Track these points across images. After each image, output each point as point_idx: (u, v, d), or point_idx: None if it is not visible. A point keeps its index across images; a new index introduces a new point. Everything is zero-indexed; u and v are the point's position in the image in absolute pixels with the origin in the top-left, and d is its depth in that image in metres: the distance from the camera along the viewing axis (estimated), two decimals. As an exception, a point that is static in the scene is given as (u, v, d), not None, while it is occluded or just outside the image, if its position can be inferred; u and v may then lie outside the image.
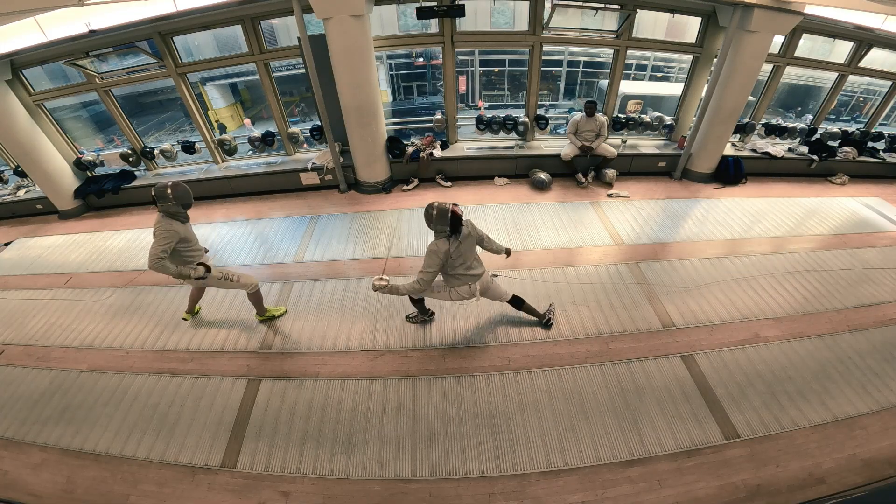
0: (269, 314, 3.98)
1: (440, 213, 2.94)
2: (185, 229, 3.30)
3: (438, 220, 2.94)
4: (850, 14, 5.25)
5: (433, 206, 2.96)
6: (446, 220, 2.93)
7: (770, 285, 4.24)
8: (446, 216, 2.93)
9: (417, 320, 3.87)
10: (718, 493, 2.63)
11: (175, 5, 4.70)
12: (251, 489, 2.75)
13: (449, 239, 3.01)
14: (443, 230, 2.97)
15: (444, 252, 2.99)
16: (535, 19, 5.49)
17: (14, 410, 3.42)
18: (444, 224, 2.94)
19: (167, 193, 3.10)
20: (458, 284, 3.24)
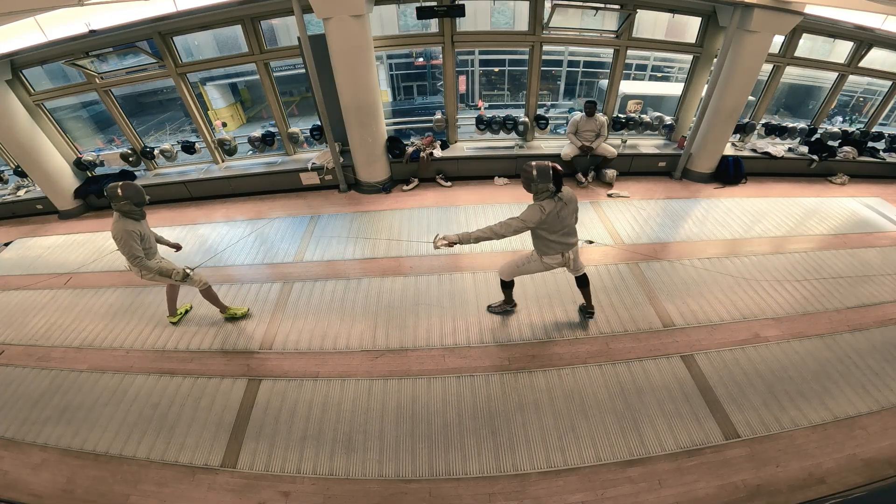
0: (231, 313, 4.00)
1: (540, 170, 2.83)
2: (142, 227, 3.38)
3: (540, 178, 2.84)
4: (850, 14, 5.24)
5: (530, 165, 2.86)
6: (548, 176, 2.83)
7: (770, 285, 4.24)
8: (548, 173, 2.83)
9: (500, 310, 3.83)
10: (718, 493, 2.63)
11: (175, 5, 4.70)
12: (251, 489, 2.75)
13: (554, 198, 2.92)
14: (545, 188, 2.87)
15: (549, 212, 2.89)
16: (535, 19, 5.49)
17: (14, 410, 3.41)
18: (547, 181, 2.84)
19: (118, 193, 3.16)
20: (550, 252, 3.16)
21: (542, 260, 3.26)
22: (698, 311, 3.93)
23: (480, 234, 3.00)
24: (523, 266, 3.41)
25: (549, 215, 2.91)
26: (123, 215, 3.25)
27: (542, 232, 3.05)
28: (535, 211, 2.91)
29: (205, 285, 3.72)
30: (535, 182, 2.86)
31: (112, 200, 3.19)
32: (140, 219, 3.37)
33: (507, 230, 2.94)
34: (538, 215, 2.91)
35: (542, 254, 3.23)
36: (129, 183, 3.27)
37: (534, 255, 3.31)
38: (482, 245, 4.80)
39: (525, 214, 2.94)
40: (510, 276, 3.58)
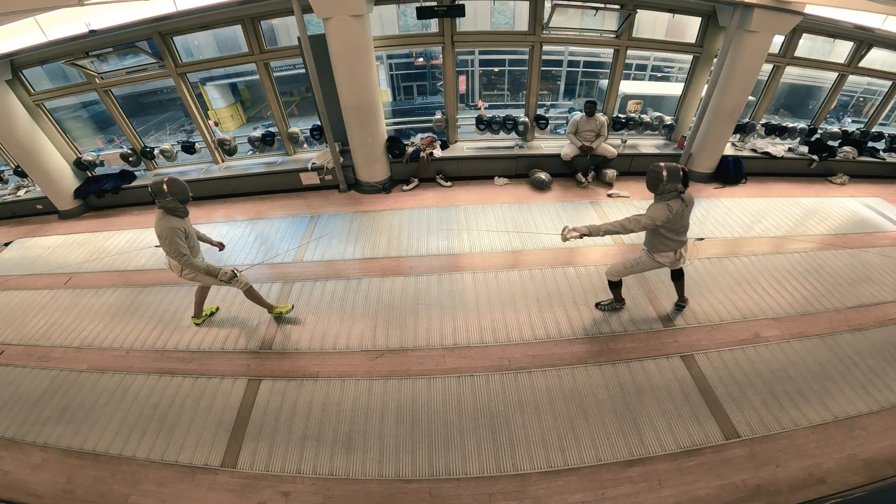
0: (278, 311, 3.96)
1: (671, 171, 2.90)
2: (185, 224, 3.33)
3: (670, 179, 2.90)
4: (850, 14, 5.24)
5: (660, 167, 2.91)
6: (678, 178, 2.90)
7: (770, 285, 4.24)
8: (678, 174, 2.90)
9: (609, 308, 3.86)
10: (718, 493, 2.63)
11: (175, 5, 4.70)
12: (251, 489, 2.75)
13: (680, 198, 2.98)
14: (673, 188, 2.93)
15: (675, 212, 2.96)
16: (535, 19, 5.49)
17: (14, 410, 3.41)
18: (677, 182, 2.91)
19: (163, 189, 3.11)
20: (663, 249, 3.23)
21: (655, 258, 3.33)
22: (698, 311, 3.93)
23: (609, 228, 3.09)
24: (633, 266, 3.48)
25: (675, 215, 2.99)
26: (167, 212, 3.19)
27: (663, 230, 3.12)
28: (662, 210, 2.97)
29: (247, 286, 3.66)
30: (664, 182, 2.92)
31: (157, 197, 3.13)
32: (184, 216, 3.32)
33: (635, 226, 3.02)
34: (665, 214, 2.97)
35: (655, 252, 3.30)
36: (174, 178, 3.20)
37: (644, 255, 3.39)
38: (482, 245, 4.82)
39: (653, 213, 3.00)
40: (618, 277, 3.64)
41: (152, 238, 5.40)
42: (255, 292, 3.76)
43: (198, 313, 4.00)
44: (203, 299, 3.96)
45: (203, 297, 3.96)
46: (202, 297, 3.94)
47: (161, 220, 3.17)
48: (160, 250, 3.41)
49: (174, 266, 3.45)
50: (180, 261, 3.28)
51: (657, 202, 3.05)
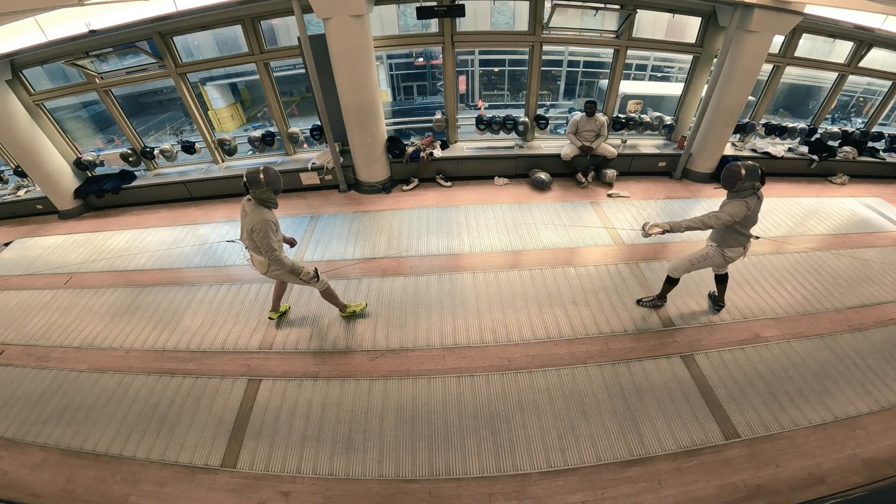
0: (351, 310, 3.91)
1: (749, 170, 2.93)
2: (275, 216, 3.17)
3: (749, 177, 2.94)
4: (850, 14, 5.24)
5: (738, 166, 2.95)
6: (757, 176, 2.94)
7: (770, 285, 4.24)
8: (757, 172, 2.93)
9: (651, 304, 3.91)
10: (718, 493, 2.63)
11: (175, 5, 4.70)
12: (251, 489, 2.75)
13: (757, 195, 3.03)
14: (751, 186, 2.97)
15: (752, 208, 3.02)
16: (535, 19, 5.49)
17: (14, 410, 3.41)
18: (755, 179, 2.94)
19: (260, 178, 2.95)
20: (734, 245, 3.28)
21: (725, 253, 3.36)
22: (698, 311, 3.93)
23: (691, 224, 3.14)
24: (700, 262, 3.51)
25: (752, 211, 3.04)
26: (260, 203, 3.05)
27: (738, 226, 3.16)
28: (740, 207, 3.01)
29: (325, 285, 3.57)
30: (742, 181, 2.96)
31: (252, 186, 2.97)
32: (275, 207, 3.17)
33: (715, 222, 3.08)
34: (744, 211, 3.01)
35: (727, 247, 3.33)
36: (269, 168, 3.02)
37: (713, 250, 3.42)
38: (482, 245, 4.82)
39: (732, 210, 3.04)
40: (682, 273, 3.65)
41: (153, 238, 5.46)
42: (331, 291, 3.67)
43: (275, 308, 3.95)
44: (281, 295, 3.89)
45: (282, 293, 3.88)
46: (281, 292, 3.87)
47: (254, 211, 3.02)
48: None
49: (258, 262, 3.32)
50: (269, 256, 3.12)
51: (733, 199, 3.10)
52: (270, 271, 3.35)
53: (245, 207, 3.14)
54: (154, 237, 5.53)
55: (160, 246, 5.30)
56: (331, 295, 3.69)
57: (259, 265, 3.35)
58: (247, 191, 3.03)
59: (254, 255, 3.31)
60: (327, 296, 3.68)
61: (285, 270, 3.28)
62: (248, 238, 3.20)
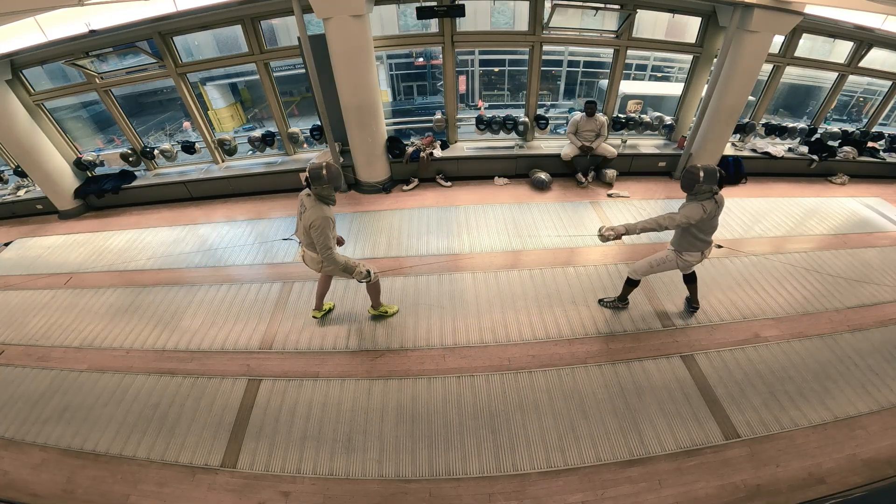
0: (383, 310, 3.88)
1: (708, 173, 2.93)
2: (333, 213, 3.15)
3: (707, 180, 2.93)
4: (850, 14, 5.24)
5: (697, 168, 2.95)
6: (715, 179, 2.94)
7: (770, 285, 4.24)
8: (715, 176, 2.93)
9: (612, 305, 3.91)
10: (718, 493, 2.63)
11: (175, 5, 4.70)
12: (251, 489, 2.75)
13: (715, 199, 3.03)
14: (709, 189, 2.97)
15: (708, 212, 3.02)
16: (535, 19, 5.49)
17: (14, 410, 3.42)
18: (713, 183, 2.94)
19: (322, 175, 2.94)
20: (691, 249, 3.30)
21: (682, 257, 3.38)
22: (698, 311, 3.93)
23: (645, 225, 3.17)
24: (659, 265, 3.52)
25: (708, 215, 3.04)
26: (320, 199, 3.04)
27: (695, 230, 3.17)
28: (697, 210, 3.02)
29: (375, 279, 3.58)
30: (700, 183, 2.95)
31: (314, 183, 2.97)
32: (333, 205, 3.13)
33: (669, 223, 3.10)
34: (700, 214, 3.02)
35: (683, 251, 3.35)
36: (331, 165, 3.00)
37: (671, 254, 3.44)
38: (482, 245, 4.82)
39: (687, 212, 3.05)
40: (642, 276, 3.66)
41: (153, 238, 5.46)
42: (378, 287, 3.69)
43: (318, 306, 3.89)
44: (325, 293, 3.82)
45: (325, 292, 3.81)
46: (324, 291, 3.81)
47: (314, 208, 3.01)
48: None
49: (311, 259, 3.31)
50: (325, 254, 3.09)
51: (691, 202, 3.10)
52: (323, 268, 3.33)
53: (304, 203, 3.12)
54: (154, 237, 5.53)
55: (160, 246, 5.30)
56: (376, 290, 3.69)
57: (311, 262, 3.34)
58: (308, 186, 3.05)
59: (307, 251, 3.31)
60: (372, 289, 3.67)
61: (338, 268, 3.25)
62: (304, 234, 3.20)
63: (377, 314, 3.90)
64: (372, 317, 3.92)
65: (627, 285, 3.77)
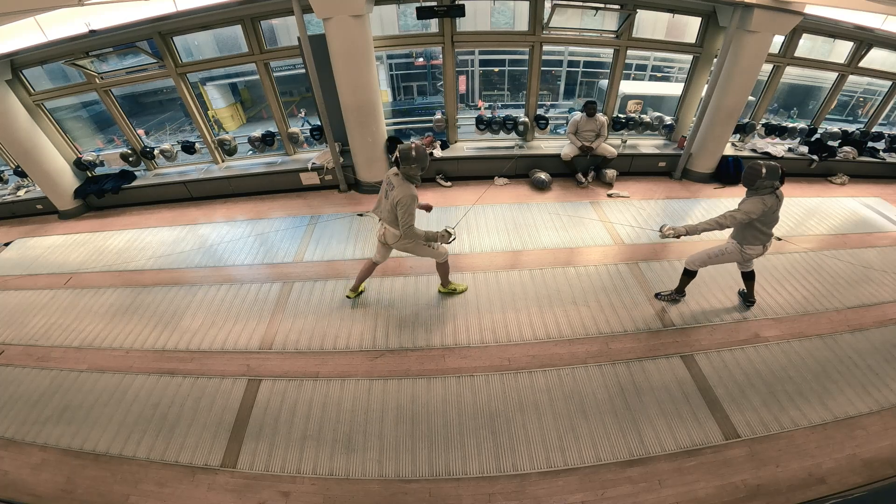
0: (452, 287, 4.08)
1: (770, 169, 2.98)
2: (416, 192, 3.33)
3: (769, 176, 2.99)
4: (850, 14, 5.25)
5: (759, 164, 2.99)
6: (777, 175, 2.99)
7: (770, 285, 4.24)
8: (777, 172, 2.98)
9: (669, 298, 3.93)
10: (718, 493, 2.63)
11: (175, 5, 4.70)
12: (251, 489, 2.75)
13: (776, 194, 3.08)
14: (770, 185, 3.03)
15: (769, 207, 3.06)
16: (535, 19, 5.49)
17: (14, 410, 3.41)
18: (775, 179, 3.00)
19: (412, 155, 3.13)
20: (754, 242, 3.31)
21: (744, 250, 3.39)
22: (698, 311, 3.93)
23: (706, 226, 3.19)
24: (717, 257, 3.54)
25: (769, 209, 3.09)
26: (407, 178, 3.23)
27: (758, 223, 3.20)
28: (757, 204, 3.06)
29: (445, 257, 3.78)
30: (762, 178, 3.01)
31: (403, 162, 3.15)
32: (419, 184, 3.32)
33: (731, 222, 3.14)
34: (760, 208, 3.06)
35: (746, 244, 3.35)
36: (420, 146, 3.19)
37: (732, 246, 3.46)
38: (482, 245, 4.82)
39: (748, 207, 3.09)
40: (699, 266, 3.68)
41: (153, 238, 5.46)
42: (448, 266, 3.89)
43: (355, 287, 4.07)
44: (366, 277, 4.00)
45: (367, 276, 3.99)
46: (367, 274, 3.97)
47: (402, 185, 3.20)
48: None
49: (391, 235, 3.47)
50: (407, 230, 3.27)
51: (751, 196, 3.15)
52: (400, 243, 3.49)
53: (392, 181, 3.29)
54: (154, 237, 5.53)
55: (160, 246, 5.30)
56: (445, 270, 3.89)
57: (391, 237, 3.50)
58: (397, 165, 3.20)
59: (388, 228, 3.46)
60: (442, 268, 3.87)
61: (418, 242, 3.44)
62: (389, 211, 3.34)
63: (446, 291, 4.10)
64: (442, 293, 4.12)
65: (685, 276, 3.80)
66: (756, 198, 3.10)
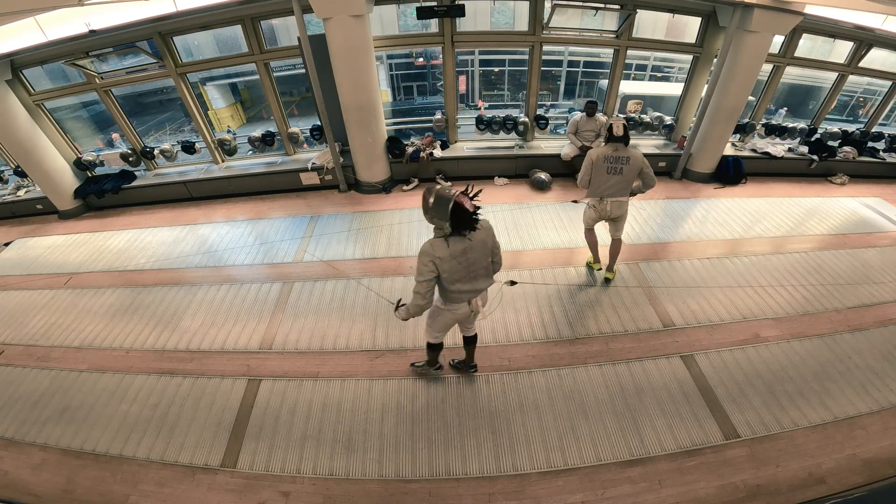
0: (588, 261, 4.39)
1: (438, 200, 2.16)
2: None
3: (435, 210, 2.18)
4: (850, 14, 5.24)
5: (430, 191, 2.20)
6: (445, 211, 2.15)
7: (770, 285, 4.24)
8: (446, 206, 2.15)
9: (422, 370, 3.31)
10: (718, 493, 2.63)
11: (175, 5, 4.70)
12: (251, 489, 2.75)
13: (448, 240, 2.26)
14: (440, 226, 2.24)
15: (441, 258, 2.26)
16: (535, 19, 5.49)
17: (14, 410, 3.42)
18: (443, 217, 2.17)
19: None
20: (457, 300, 2.55)
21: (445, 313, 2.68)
22: (698, 311, 3.93)
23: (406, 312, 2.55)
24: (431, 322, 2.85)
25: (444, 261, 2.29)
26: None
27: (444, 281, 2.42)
28: (423, 261, 2.31)
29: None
30: (430, 212, 2.23)
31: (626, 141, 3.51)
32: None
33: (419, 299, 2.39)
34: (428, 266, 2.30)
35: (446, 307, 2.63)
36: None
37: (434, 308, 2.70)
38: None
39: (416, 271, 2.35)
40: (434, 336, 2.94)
41: (153, 238, 5.46)
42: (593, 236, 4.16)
43: (597, 259, 4.32)
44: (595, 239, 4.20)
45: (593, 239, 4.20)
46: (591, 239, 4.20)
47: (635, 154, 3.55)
48: None
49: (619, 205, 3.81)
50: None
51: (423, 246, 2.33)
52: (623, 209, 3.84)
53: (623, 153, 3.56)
54: (154, 237, 5.53)
55: (160, 246, 5.30)
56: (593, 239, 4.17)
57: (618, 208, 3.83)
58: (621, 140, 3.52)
59: (619, 198, 3.76)
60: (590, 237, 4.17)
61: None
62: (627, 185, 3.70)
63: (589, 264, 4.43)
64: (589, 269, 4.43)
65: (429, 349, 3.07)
66: (423, 252, 2.30)
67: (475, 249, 2.37)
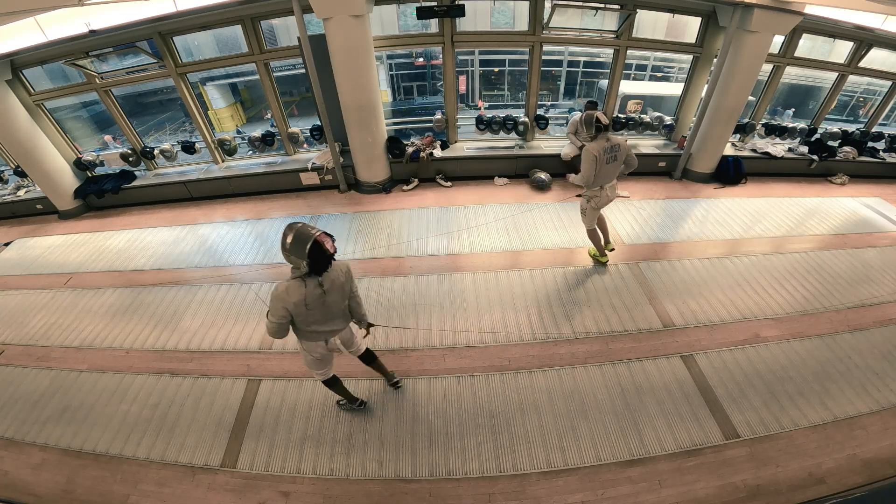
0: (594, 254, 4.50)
1: (297, 238, 2.04)
2: None
3: (293, 249, 2.05)
4: (850, 14, 5.24)
5: (291, 228, 2.07)
6: (303, 251, 2.04)
7: (770, 285, 4.24)
8: (303, 245, 2.04)
9: (346, 408, 3.17)
10: (718, 493, 2.63)
11: (175, 5, 4.70)
12: (251, 489, 2.75)
13: (305, 280, 2.16)
14: (297, 266, 2.12)
15: (295, 303, 2.15)
16: (535, 19, 5.49)
17: (14, 410, 3.42)
18: (300, 256, 2.06)
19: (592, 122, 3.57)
20: (313, 339, 2.48)
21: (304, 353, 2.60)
22: (698, 311, 3.93)
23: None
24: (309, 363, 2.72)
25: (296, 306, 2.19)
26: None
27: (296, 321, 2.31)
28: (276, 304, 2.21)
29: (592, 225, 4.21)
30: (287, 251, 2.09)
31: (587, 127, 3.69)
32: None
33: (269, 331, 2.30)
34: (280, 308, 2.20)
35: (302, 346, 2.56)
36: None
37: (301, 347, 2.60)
38: (482, 245, 4.82)
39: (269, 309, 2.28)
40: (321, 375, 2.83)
41: (153, 238, 5.46)
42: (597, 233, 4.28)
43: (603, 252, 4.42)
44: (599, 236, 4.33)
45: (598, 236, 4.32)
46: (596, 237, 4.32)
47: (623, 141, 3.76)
48: None
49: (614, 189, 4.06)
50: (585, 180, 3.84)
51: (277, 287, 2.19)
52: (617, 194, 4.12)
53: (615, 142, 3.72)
54: (154, 237, 5.53)
55: (160, 246, 5.30)
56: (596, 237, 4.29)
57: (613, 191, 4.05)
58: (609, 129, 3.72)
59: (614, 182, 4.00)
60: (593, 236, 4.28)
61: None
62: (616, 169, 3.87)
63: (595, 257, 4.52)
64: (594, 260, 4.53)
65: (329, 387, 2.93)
66: (276, 295, 2.18)
67: (332, 293, 2.30)
